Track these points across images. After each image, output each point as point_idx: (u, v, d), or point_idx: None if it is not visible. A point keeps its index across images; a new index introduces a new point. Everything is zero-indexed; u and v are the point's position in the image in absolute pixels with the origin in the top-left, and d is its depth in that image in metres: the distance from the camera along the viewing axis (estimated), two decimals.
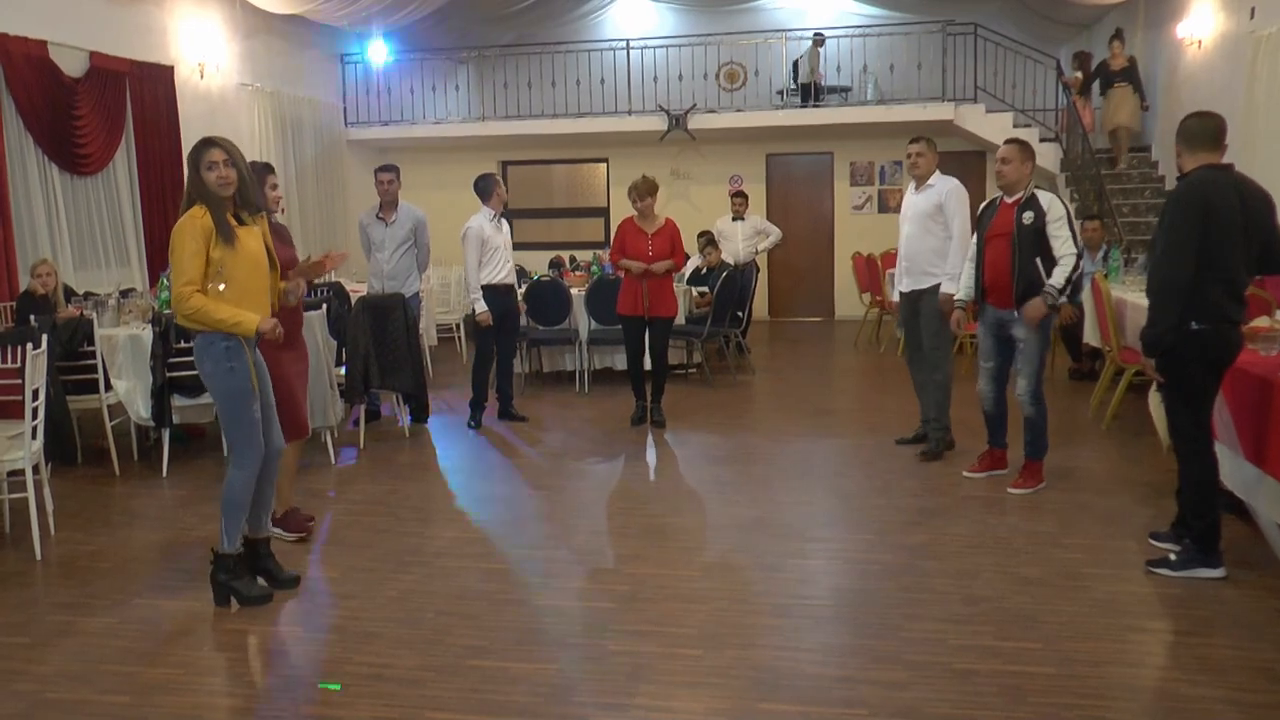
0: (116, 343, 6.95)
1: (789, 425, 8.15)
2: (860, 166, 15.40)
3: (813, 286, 15.66)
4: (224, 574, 4.53)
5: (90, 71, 9.65)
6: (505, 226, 8.08)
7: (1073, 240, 5.78)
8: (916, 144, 6.70)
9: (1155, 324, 4.49)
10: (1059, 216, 5.77)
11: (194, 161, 4.37)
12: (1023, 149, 5.94)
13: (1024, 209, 5.82)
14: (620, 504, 6.11)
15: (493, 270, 7.94)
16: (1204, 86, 11.01)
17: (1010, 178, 5.91)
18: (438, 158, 15.08)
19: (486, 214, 7.95)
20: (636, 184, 7.80)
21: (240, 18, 12.04)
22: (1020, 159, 5.90)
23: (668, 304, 7.86)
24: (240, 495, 4.51)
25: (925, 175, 6.66)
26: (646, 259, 7.72)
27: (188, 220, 4.31)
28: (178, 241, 4.31)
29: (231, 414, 4.47)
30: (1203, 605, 4.34)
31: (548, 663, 3.94)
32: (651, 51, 14.64)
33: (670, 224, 7.89)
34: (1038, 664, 3.83)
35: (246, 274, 4.42)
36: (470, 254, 7.89)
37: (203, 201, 4.34)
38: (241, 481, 4.49)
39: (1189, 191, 4.45)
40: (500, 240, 7.96)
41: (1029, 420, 5.93)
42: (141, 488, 6.63)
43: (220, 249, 4.31)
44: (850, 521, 5.68)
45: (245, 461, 4.50)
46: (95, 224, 9.90)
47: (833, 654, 3.99)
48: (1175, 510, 4.93)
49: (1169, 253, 4.44)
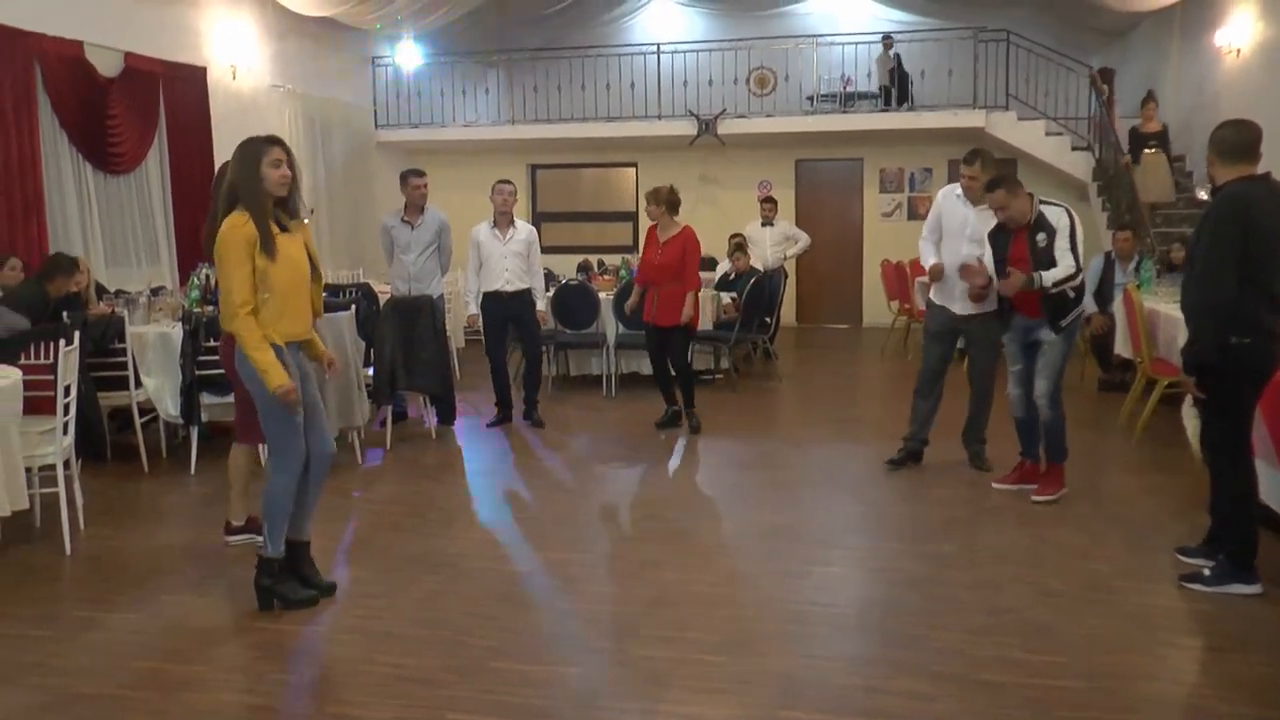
0: (146, 340, 6.99)
1: (815, 432, 8.12)
2: (890, 173, 15.33)
3: (840, 293, 15.58)
4: (268, 578, 4.51)
5: (125, 72, 9.74)
6: (517, 233, 8.02)
7: (1073, 254, 5.65)
8: (971, 166, 6.32)
9: (1196, 342, 4.42)
10: (1064, 232, 5.68)
11: (251, 160, 4.30)
12: (1007, 189, 5.75)
13: (1034, 232, 5.76)
14: (644, 509, 6.10)
15: (489, 277, 8.00)
16: (1242, 95, 10.90)
17: (1016, 214, 5.79)
18: (467, 160, 15.12)
19: (487, 221, 8.05)
20: (649, 191, 7.85)
21: (272, 20, 12.12)
22: (1011, 193, 5.74)
23: (670, 313, 7.68)
24: (282, 500, 4.47)
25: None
26: (653, 265, 7.75)
27: (230, 230, 4.24)
28: (224, 255, 4.25)
29: (273, 419, 4.42)
30: (1236, 621, 4.27)
31: (570, 666, 3.93)
32: (682, 56, 14.63)
33: (686, 233, 7.73)
34: (1065, 677, 3.78)
35: (287, 282, 4.37)
36: (470, 258, 8.08)
37: (247, 204, 4.28)
38: (283, 486, 4.46)
39: (1228, 206, 4.37)
40: (495, 248, 7.96)
41: (1047, 424, 5.89)
42: (170, 485, 6.67)
43: (263, 258, 4.26)
44: (875, 530, 5.64)
45: (286, 465, 4.45)
46: (127, 222, 9.99)
47: (856, 663, 3.96)
48: (1207, 524, 4.86)
49: (1209, 271, 4.36)
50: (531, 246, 8.08)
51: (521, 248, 8.00)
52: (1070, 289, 5.71)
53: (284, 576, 4.54)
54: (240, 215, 4.28)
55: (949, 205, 6.50)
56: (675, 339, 7.84)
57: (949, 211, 6.49)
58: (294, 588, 4.55)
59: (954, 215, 6.46)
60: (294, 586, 4.55)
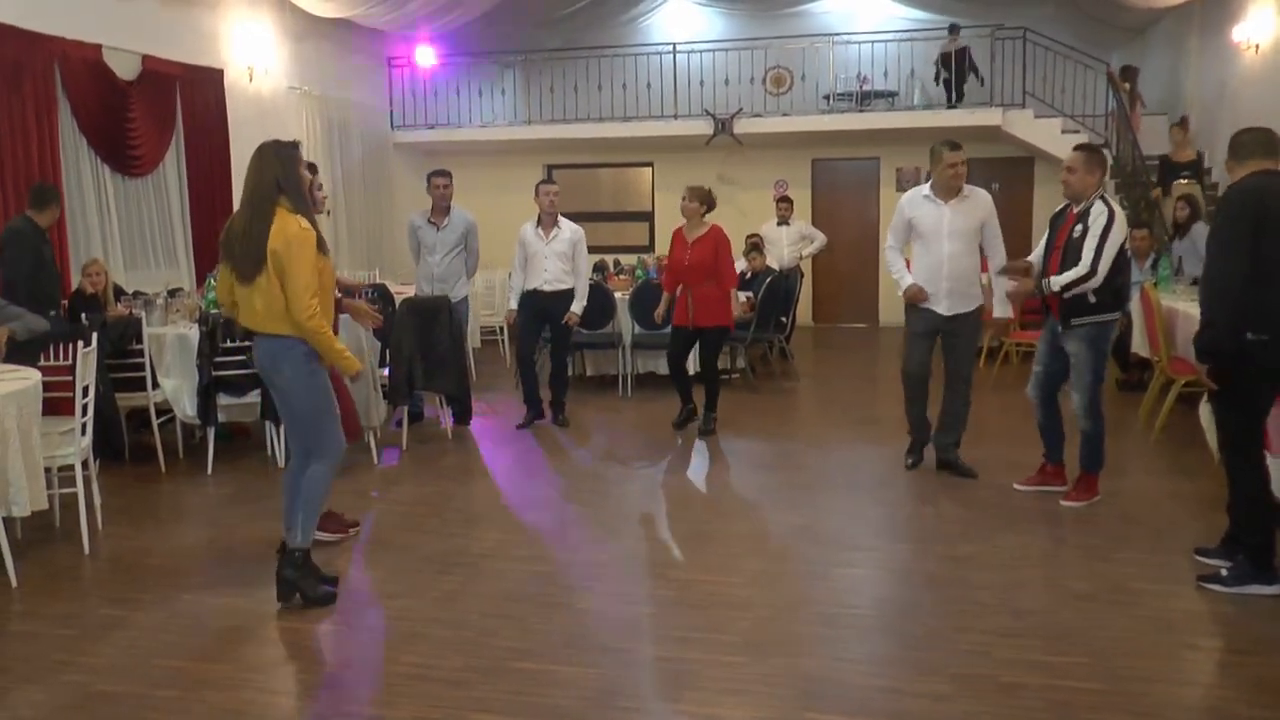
0: (164, 341, 7.04)
1: (833, 433, 8.10)
2: (907, 172, 15.26)
3: (857, 293, 15.54)
4: (293, 570, 4.55)
5: (143, 75, 9.78)
6: (561, 233, 8.02)
7: (1094, 255, 5.46)
8: (960, 151, 6.23)
9: (1208, 329, 4.41)
10: (1096, 230, 5.49)
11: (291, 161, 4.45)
12: (1089, 157, 5.64)
13: (1079, 221, 5.62)
14: (664, 509, 6.10)
15: (531, 275, 8.01)
16: (1261, 91, 10.82)
17: (1075, 188, 5.66)
18: (483, 161, 15.14)
19: (532, 221, 8.04)
20: (691, 186, 7.83)
21: (289, 22, 12.16)
22: (1086, 168, 5.61)
23: (716, 314, 7.67)
24: (325, 489, 4.62)
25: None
26: (683, 265, 7.68)
27: (302, 233, 4.34)
28: (299, 254, 4.32)
29: (315, 414, 4.56)
30: (1258, 622, 4.24)
31: (592, 666, 3.93)
32: (698, 55, 14.62)
33: (715, 231, 7.72)
34: (1087, 679, 3.76)
35: (328, 279, 4.53)
36: (515, 257, 8.09)
37: (297, 204, 4.40)
38: (326, 475, 4.60)
39: (1239, 195, 4.39)
40: (540, 247, 7.97)
41: (1084, 434, 5.79)
42: (187, 485, 6.70)
43: (321, 258, 4.42)
44: (896, 531, 5.62)
45: (330, 454, 4.60)
46: (145, 225, 10.02)
47: (878, 664, 3.95)
48: (1226, 524, 4.83)
49: (1219, 257, 4.39)
50: (576, 247, 8.06)
51: (565, 247, 7.99)
52: (1091, 292, 5.53)
53: (307, 570, 4.58)
54: (298, 219, 4.36)
55: (920, 209, 6.35)
56: (713, 338, 7.82)
57: (921, 215, 6.33)
58: (314, 584, 4.59)
59: (927, 217, 6.32)
60: (314, 583, 4.60)
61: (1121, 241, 5.57)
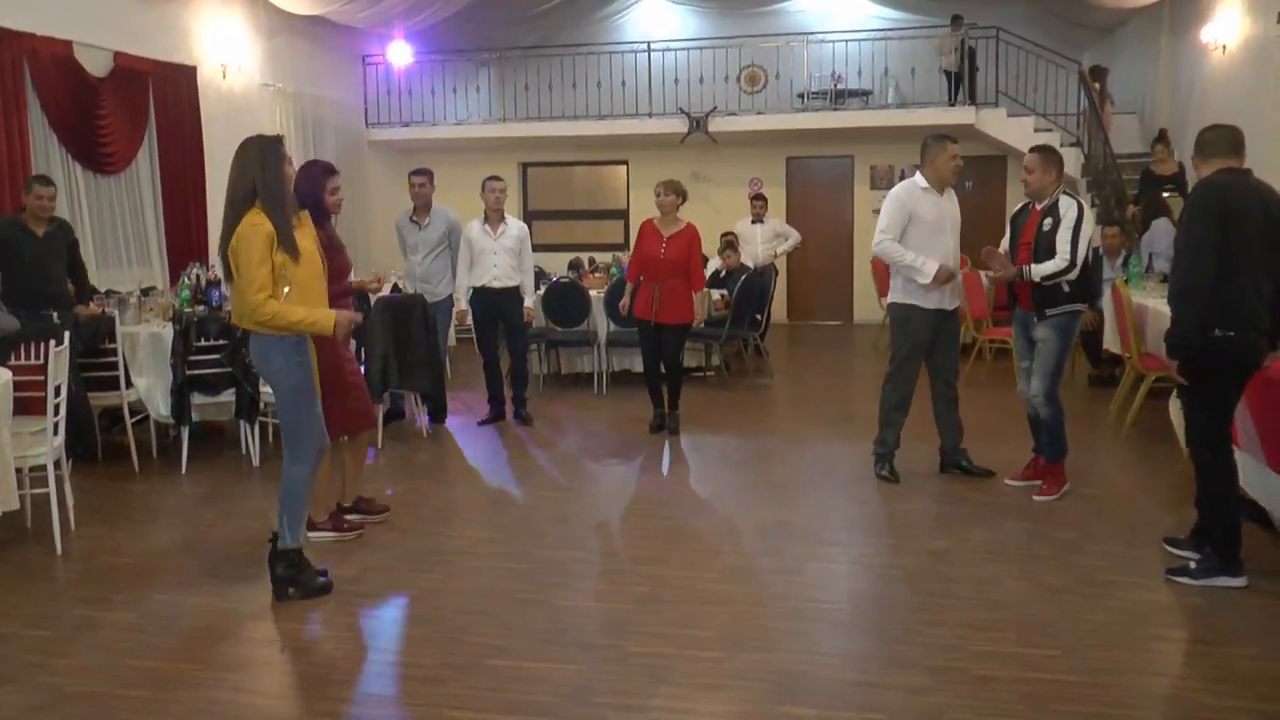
0: (138, 340, 6.99)
1: (808, 429, 8.14)
2: (881, 170, 15.35)
3: (831, 290, 15.62)
4: (286, 568, 4.56)
5: (114, 71, 9.71)
6: (509, 229, 7.97)
7: (1071, 248, 5.62)
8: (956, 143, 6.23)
9: (1177, 325, 4.47)
10: (1069, 224, 5.67)
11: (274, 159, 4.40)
12: (1045, 157, 5.84)
13: (1045, 215, 5.79)
14: (639, 506, 6.11)
15: (478, 273, 7.96)
16: (1229, 91, 10.94)
17: (1035, 186, 5.85)
18: (458, 159, 15.08)
19: (479, 218, 8.02)
20: (664, 180, 7.80)
21: (263, 19, 12.10)
22: (1043, 167, 5.80)
23: (678, 310, 7.66)
24: (302, 489, 4.59)
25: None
26: (658, 259, 7.66)
27: (249, 228, 4.31)
28: (244, 249, 4.31)
29: (298, 408, 4.54)
30: (1225, 614, 4.30)
31: (568, 663, 3.93)
32: (673, 54, 14.64)
33: (691, 229, 7.73)
34: (1059, 671, 3.80)
35: (306, 275, 4.48)
36: (460, 255, 8.05)
37: (269, 203, 4.34)
38: (303, 476, 4.58)
39: (1206, 193, 4.44)
40: (488, 244, 7.91)
41: (1044, 422, 5.90)
42: (161, 485, 6.66)
43: (282, 254, 4.35)
44: (870, 526, 5.66)
45: (306, 456, 4.58)
46: (117, 222, 9.96)
47: (853, 658, 3.98)
48: (1195, 518, 4.89)
49: (1186, 253, 4.43)
50: (523, 243, 8.05)
51: (513, 244, 7.98)
52: (1065, 283, 5.70)
53: (303, 565, 4.60)
54: (257, 214, 4.33)
55: (921, 201, 6.19)
56: (674, 335, 7.81)
57: (924, 207, 6.17)
58: (311, 576, 4.61)
59: (930, 209, 6.18)
60: (311, 575, 4.62)
61: (1091, 233, 5.76)
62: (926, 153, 6.23)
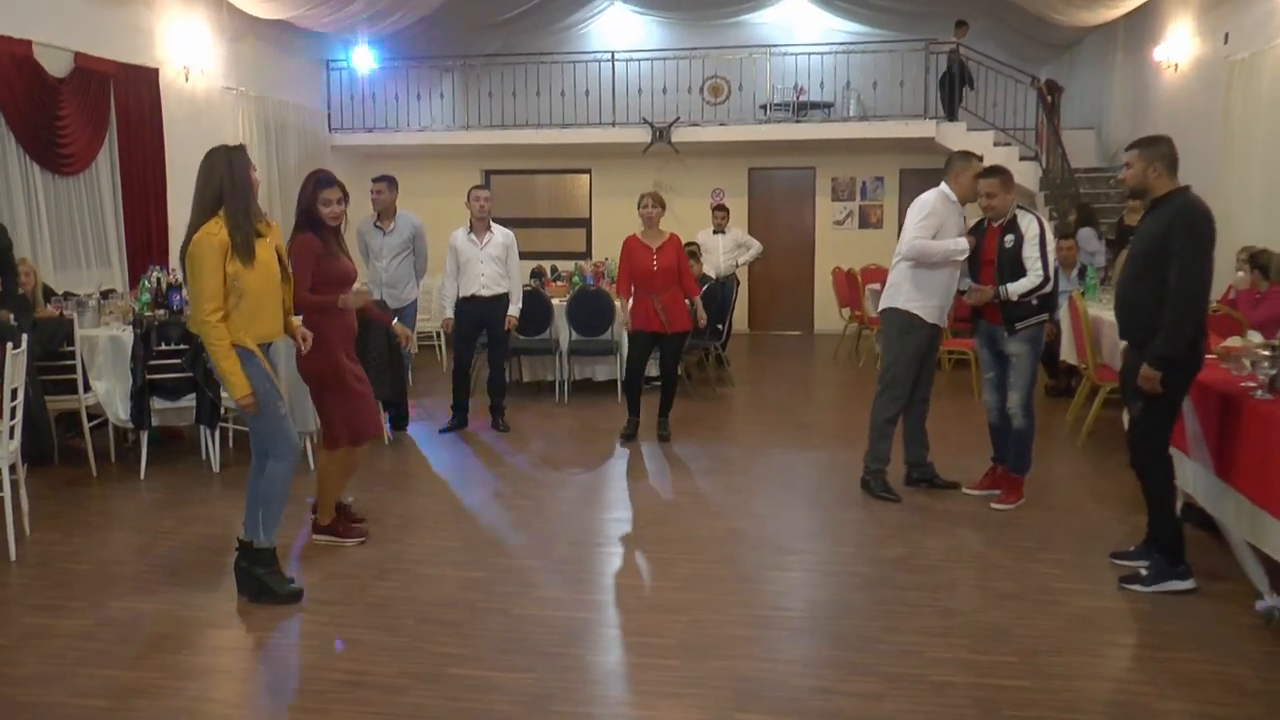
0: (97, 344, 6.93)
1: (768, 438, 8.19)
2: (842, 182, 15.49)
3: (792, 300, 15.73)
4: (261, 568, 4.57)
5: (75, 72, 9.61)
6: (494, 237, 8.02)
7: (1042, 263, 5.77)
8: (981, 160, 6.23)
9: (1182, 335, 4.53)
10: (1032, 238, 5.82)
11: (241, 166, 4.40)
12: (1004, 180, 5.94)
13: (1005, 232, 5.91)
14: (600, 514, 6.13)
15: (466, 282, 7.99)
16: (1181, 109, 11.15)
17: (998, 209, 5.95)
18: (421, 165, 15.07)
19: (464, 227, 8.04)
20: (650, 192, 7.89)
21: (227, 21, 12.01)
22: (1003, 189, 5.92)
23: (684, 318, 7.82)
24: (281, 487, 4.61)
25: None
26: (652, 272, 7.71)
27: (204, 237, 4.31)
28: (197, 261, 4.31)
29: (262, 414, 4.53)
30: (1174, 620, 4.40)
31: (528, 671, 3.95)
32: (636, 64, 14.71)
33: (675, 238, 7.86)
34: (1013, 677, 3.87)
35: (261, 285, 4.46)
36: (447, 264, 8.06)
37: (232, 209, 4.34)
38: (282, 473, 4.60)
39: (1201, 207, 4.60)
40: (474, 252, 7.95)
41: (1019, 433, 6.00)
42: (119, 490, 6.60)
43: (235, 263, 4.34)
44: (828, 534, 5.71)
45: (284, 453, 4.60)
46: (76, 224, 9.84)
47: (810, 665, 4.02)
48: (1146, 527, 4.98)
49: (1192, 270, 4.52)
50: (509, 251, 8.09)
51: (499, 251, 8.01)
52: (1034, 296, 5.82)
53: (276, 568, 4.60)
54: (215, 222, 4.34)
55: (950, 211, 6.13)
56: (677, 344, 7.94)
57: (951, 217, 6.13)
58: (282, 581, 4.62)
59: (955, 220, 6.15)
60: (282, 580, 4.62)
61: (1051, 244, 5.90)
62: (951, 168, 6.22)
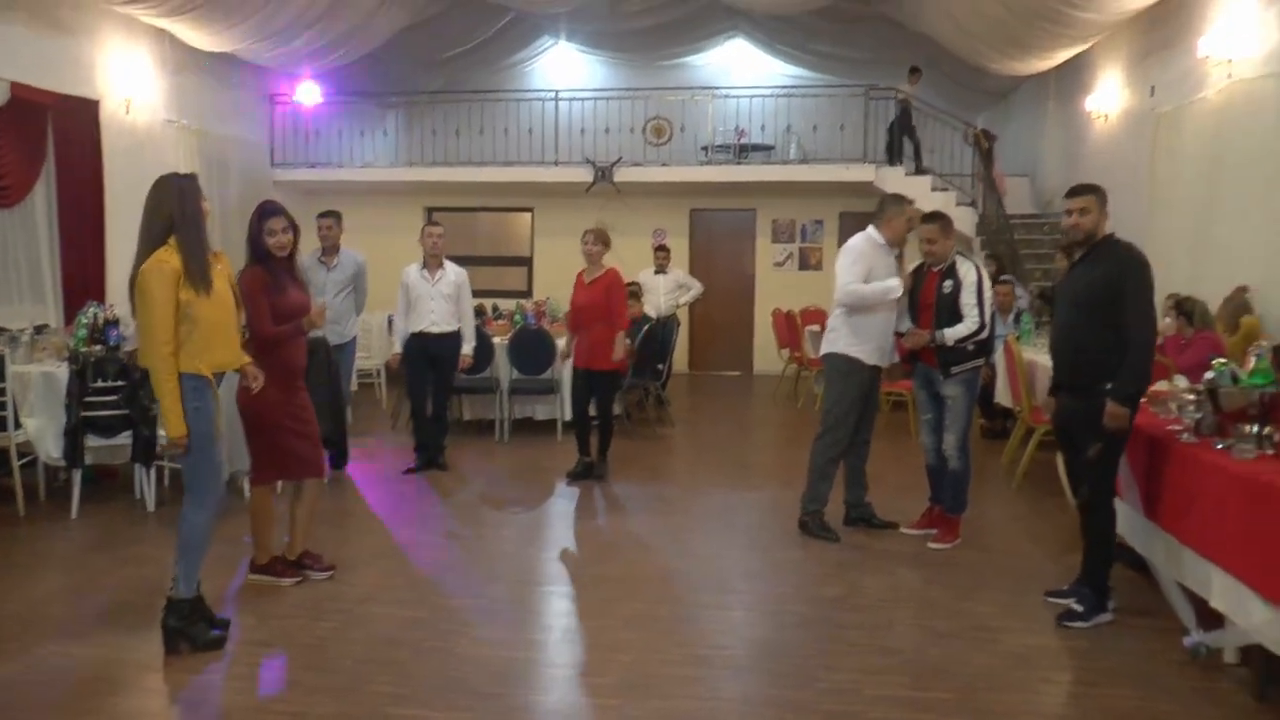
0: (29, 380, 6.79)
1: (708, 477, 8.24)
2: (782, 224, 15.69)
3: (732, 341, 15.85)
4: (177, 619, 4.45)
5: (10, 102, 9.45)
6: (446, 274, 8.04)
7: (979, 310, 5.92)
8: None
9: (1146, 374, 4.75)
10: (970, 285, 5.97)
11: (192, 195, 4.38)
12: (944, 225, 6.10)
13: (945, 278, 6.05)
14: (541, 553, 6.12)
15: (416, 318, 8.00)
16: (1111, 158, 11.46)
17: (939, 254, 6.09)
18: (364, 201, 14.98)
19: (416, 263, 8.06)
20: (593, 229, 7.94)
21: (169, 54, 11.91)
22: (944, 234, 6.08)
23: (600, 357, 7.74)
24: (201, 537, 4.48)
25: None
26: (580, 305, 7.84)
27: (155, 264, 4.26)
28: (148, 290, 4.25)
29: (196, 454, 4.42)
30: (1106, 657, 4.49)
31: (467, 711, 3.93)
32: (580, 103, 14.83)
33: (610, 274, 7.83)
34: (951, 714, 3.92)
35: (215, 314, 4.42)
36: (399, 299, 8.08)
37: (185, 239, 4.30)
38: (203, 523, 4.47)
39: (1142, 257, 4.78)
40: (426, 289, 7.98)
41: (954, 474, 6.10)
42: (49, 530, 6.46)
43: (188, 291, 4.29)
44: (768, 574, 5.75)
45: (206, 503, 4.47)
46: (10, 258, 9.66)
47: (751, 704, 4.04)
48: (1080, 566, 5.08)
49: (1148, 312, 4.71)
50: (461, 289, 8.11)
51: (451, 289, 8.03)
52: (971, 343, 5.95)
53: (195, 618, 4.48)
54: (166, 250, 4.28)
55: (877, 255, 6.23)
56: (605, 383, 7.90)
57: (881, 265, 6.22)
58: (203, 629, 4.50)
59: (884, 264, 6.23)
60: (203, 628, 4.50)
61: (989, 292, 6.06)
62: (885, 212, 6.29)
